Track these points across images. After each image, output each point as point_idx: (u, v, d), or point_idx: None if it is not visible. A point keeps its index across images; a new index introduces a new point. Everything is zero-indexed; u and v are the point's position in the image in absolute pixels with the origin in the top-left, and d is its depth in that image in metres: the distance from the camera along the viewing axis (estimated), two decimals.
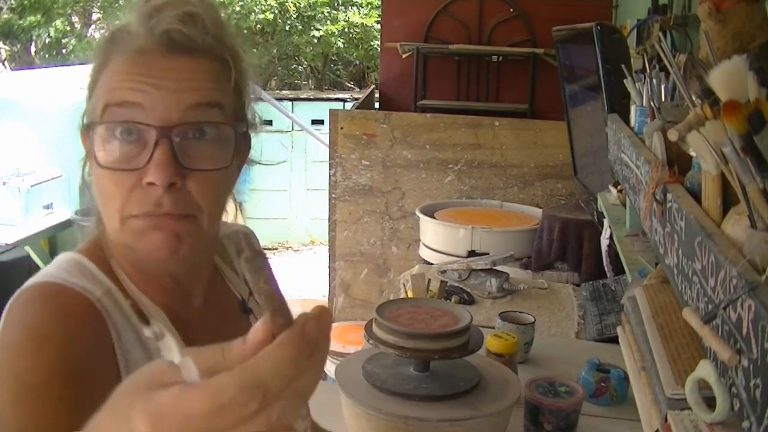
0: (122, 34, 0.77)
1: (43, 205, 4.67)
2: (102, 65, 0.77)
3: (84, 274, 0.79)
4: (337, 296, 3.95)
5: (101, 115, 0.75)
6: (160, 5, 0.76)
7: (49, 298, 0.75)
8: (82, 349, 0.73)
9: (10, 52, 11.06)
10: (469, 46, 4.31)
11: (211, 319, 0.90)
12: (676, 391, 0.87)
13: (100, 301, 0.77)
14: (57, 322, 0.73)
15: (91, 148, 0.76)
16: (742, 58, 0.77)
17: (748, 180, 0.72)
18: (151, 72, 0.74)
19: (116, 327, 0.77)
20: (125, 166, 0.74)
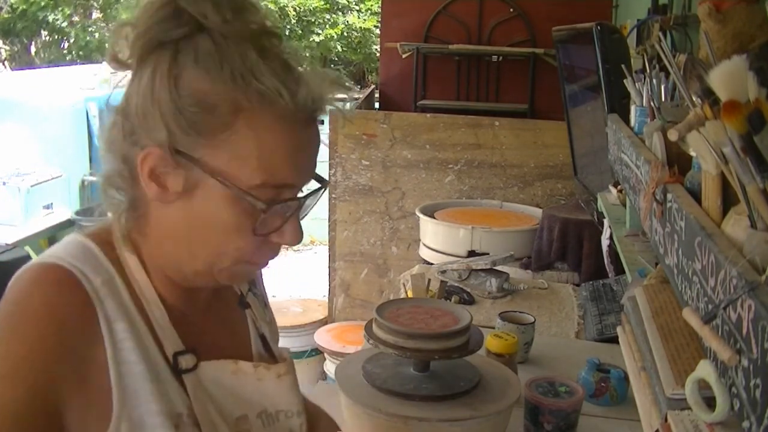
0: (270, 93, 0.76)
1: (43, 205, 4.67)
2: (237, 112, 0.76)
3: (88, 260, 0.80)
4: (337, 296, 3.95)
5: (257, 187, 0.77)
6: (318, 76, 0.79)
7: (49, 283, 0.77)
8: (69, 336, 0.75)
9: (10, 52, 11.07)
10: (469, 46, 4.31)
11: (213, 313, 0.93)
12: (676, 391, 0.87)
13: (97, 290, 0.79)
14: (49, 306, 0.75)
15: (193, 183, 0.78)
16: (742, 58, 0.77)
17: (748, 180, 0.72)
18: (304, 149, 0.80)
19: (107, 316, 0.79)
20: (265, 230, 0.80)
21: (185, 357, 0.84)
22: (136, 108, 0.78)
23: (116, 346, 0.79)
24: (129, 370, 0.79)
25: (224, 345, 0.92)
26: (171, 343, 0.84)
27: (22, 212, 4.50)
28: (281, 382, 0.93)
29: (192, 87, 0.76)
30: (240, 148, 0.77)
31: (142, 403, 0.79)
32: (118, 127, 0.81)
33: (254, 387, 0.91)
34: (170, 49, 0.77)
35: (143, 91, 0.77)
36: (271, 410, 0.92)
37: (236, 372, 0.89)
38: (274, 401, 0.93)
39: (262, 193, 0.78)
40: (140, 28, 0.78)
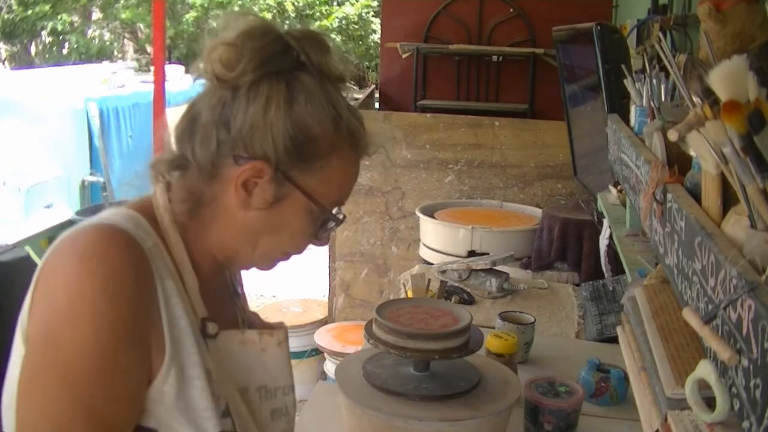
0: (356, 133, 0.94)
1: (43, 205, 4.67)
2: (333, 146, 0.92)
3: (138, 225, 0.90)
4: (337, 296, 3.95)
5: (332, 204, 0.96)
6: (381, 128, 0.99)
7: (119, 238, 0.87)
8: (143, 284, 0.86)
9: (10, 52, 11.06)
10: (469, 46, 4.31)
11: (217, 296, 1.03)
12: (676, 391, 0.87)
13: (150, 249, 0.89)
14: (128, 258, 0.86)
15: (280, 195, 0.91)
16: (742, 58, 0.77)
17: (748, 180, 0.72)
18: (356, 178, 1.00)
19: (160, 274, 0.89)
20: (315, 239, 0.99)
21: (210, 324, 0.95)
22: (242, 125, 0.89)
23: (167, 299, 0.89)
24: (177, 322, 0.89)
25: (227, 322, 1.01)
26: (200, 310, 0.94)
27: (22, 212, 4.50)
28: (281, 350, 1.02)
29: (303, 119, 0.89)
30: (329, 174, 0.93)
31: (186, 353, 0.89)
32: (210, 134, 0.90)
33: (258, 359, 1.00)
34: (284, 81, 0.89)
35: (255, 113, 0.88)
36: (270, 386, 1.02)
37: (243, 342, 0.99)
38: (275, 376, 1.02)
39: (332, 208, 0.96)
40: (252, 56, 0.88)
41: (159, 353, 0.87)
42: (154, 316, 0.87)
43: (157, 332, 0.87)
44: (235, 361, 0.98)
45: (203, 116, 0.91)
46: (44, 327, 0.83)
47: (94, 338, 0.82)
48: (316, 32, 0.94)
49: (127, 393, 0.85)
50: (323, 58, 0.91)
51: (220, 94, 0.90)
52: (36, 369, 0.83)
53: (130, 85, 5.87)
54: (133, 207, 0.94)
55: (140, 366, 0.86)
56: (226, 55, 0.88)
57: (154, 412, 0.88)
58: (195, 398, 0.89)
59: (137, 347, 0.85)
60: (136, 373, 0.86)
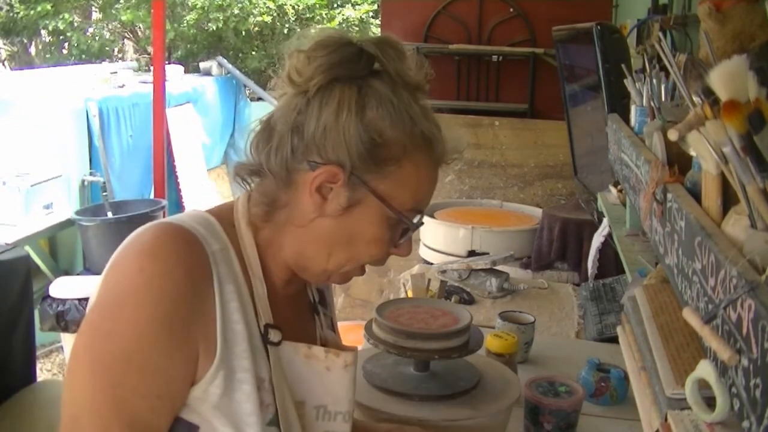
0: (431, 138, 0.93)
1: (43, 205, 4.66)
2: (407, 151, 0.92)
3: (208, 228, 0.93)
4: (337, 296, 3.95)
5: (407, 209, 0.94)
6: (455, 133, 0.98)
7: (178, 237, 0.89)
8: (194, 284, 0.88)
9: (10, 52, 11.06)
10: (469, 46, 4.31)
11: (294, 305, 1.05)
12: (676, 391, 0.87)
13: (214, 253, 0.91)
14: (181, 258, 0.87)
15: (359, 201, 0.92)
16: (742, 58, 0.77)
17: (748, 180, 0.72)
18: (435, 185, 0.98)
19: (220, 276, 0.90)
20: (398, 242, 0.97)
21: (274, 331, 0.95)
22: (315, 131, 0.90)
23: (224, 304, 0.90)
24: (232, 327, 0.90)
25: (299, 335, 1.01)
26: (265, 315, 0.95)
27: (22, 212, 4.50)
28: (346, 373, 1.01)
29: (375, 124, 0.90)
30: (403, 179, 0.92)
31: (237, 358, 0.91)
32: (284, 140, 0.92)
33: (321, 377, 1.00)
34: (355, 86, 0.90)
35: (327, 118, 0.90)
36: (331, 408, 1.01)
37: (308, 356, 0.99)
38: (337, 399, 1.01)
39: (410, 214, 0.95)
40: (324, 62, 0.90)
41: (208, 354, 0.88)
42: (205, 319, 0.88)
43: (208, 334, 0.88)
44: (297, 374, 0.98)
45: (279, 124, 0.93)
46: (92, 315, 0.87)
47: (132, 332, 0.84)
48: (392, 40, 0.95)
49: (160, 390, 0.86)
50: (398, 65, 0.92)
51: (295, 102, 0.92)
52: (76, 353, 0.87)
53: (130, 85, 5.87)
54: (212, 210, 0.98)
55: (181, 365, 0.87)
56: (300, 63, 0.91)
57: (197, 409, 0.90)
58: (241, 402, 0.90)
59: (177, 348, 0.86)
60: (175, 371, 0.87)
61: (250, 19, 9.06)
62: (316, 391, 1.00)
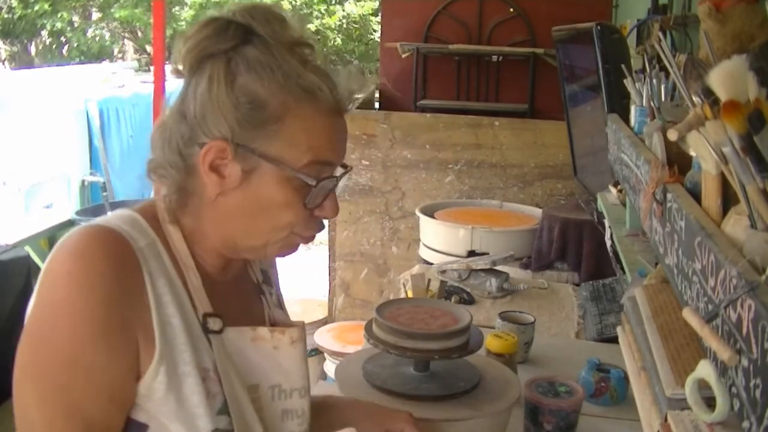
0: (312, 88, 0.91)
1: (43, 205, 4.67)
2: (286, 106, 0.90)
3: (134, 226, 0.93)
4: (337, 296, 3.95)
5: (304, 165, 0.91)
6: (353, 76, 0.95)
7: (103, 238, 0.89)
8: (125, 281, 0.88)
9: (10, 52, 11.06)
10: (469, 46, 4.31)
11: (235, 290, 1.05)
12: (676, 391, 0.87)
13: (142, 249, 0.91)
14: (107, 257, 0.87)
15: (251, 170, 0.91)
16: (742, 58, 0.77)
17: (748, 180, 0.72)
18: (340, 133, 0.96)
19: (150, 271, 0.90)
20: (310, 204, 0.94)
21: (213, 319, 0.95)
22: (194, 111, 0.91)
23: (158, 298, 0.90)
24: (168, 320, 0.91)
25: (244, 319, 1.02)
26: (202, 305, 0.95)
27: (22, 212, 4.50)
28: (294, 349, 1.02)
29: (246, 88, 0.90)
30: (290, 136, 0.91)
31: (177, 351, 0.91)
32: (174, 129, 0.93)
33: (271, 357, 1.00)
34: (222, 59, 0.90)
35: (201, 96, 0.90)
36: (285, 386, 1.02)
37: (255, 339, 0.99)
38: (290, 376, 1.02)
39: (310, 170, 0.92)
40: (190, 43, 0.91)
41: (148, 351, 0.89)
42: (141, 315, 0.88)
43: (145, 330, 0.88)
44: (246, 358, 0.98)
45: (168, 115, 0.95)
46: (29, 326, 0.87)
47: (70, 336, 0.85)
48: (263, 5, 0.94)
49: (108, 390, 0.87)
50: (273, 27, 0.91)
51: (182, 89, 0.94)
52: (20, 366, 0.87)
53: (130, 85, 5.87)
54: (137, 208, 0.97)
55: (123, 363, 0.87)
56: (177, 48, 0.93)
57: (144, 406, 0.90)
58: (187, 395, 0.91)
59: (119, 345, 0.87)
60: (120, 370, 0.87)
61: None
62: (268, 372, 1.00)
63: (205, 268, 0.98)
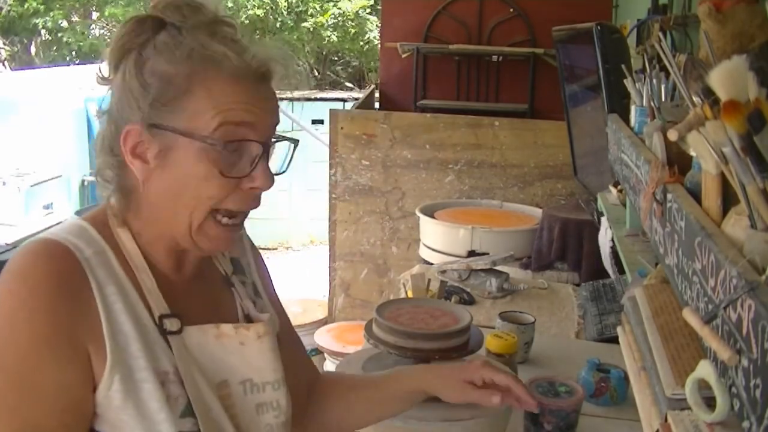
0: (220, 56, 0.90)
1: (43, 205, 4.67)
2: (191, 79, 0.90)
3: (81, 235, 0.93)
4: (337, 296, 3.95)
5: (214, 130, 0.89)
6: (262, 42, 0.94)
7: (45, 252, 0.89)
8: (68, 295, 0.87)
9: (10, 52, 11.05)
10: (469, 46, 4.31)
11: (198, 286, 1.03)
12: (676, 391, 0.87)
13: (88, 259, 0.90)
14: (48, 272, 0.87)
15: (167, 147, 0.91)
16: (742, 58, 0.77)
17: (748, 180, 0.72)
18: (256, 97, 0.92)
19: (98, 280, 0.90)
20: (233, 173, 0.91)
21: (170, 320, 0.94)
22: (114, 104, 0.94)
23: (108, 307, 0.90)
24: (119, 328, 0.90)
25: (210, 315, 1.01)
26: (158, 307, 0.94)
27: (22, 212, 4.50)
28: (262, 344, 1.01)
29: (153, 69, 0.91)
30: (197, 105, 0.90)
31: (131, 358, 0.90)
32: (105, 126, 0.95)
33: (238, 353, 0.99)
34: (135, 51, 0.92)
35: (117, 88, 0.93)
36: (257, 380, 1.01)
37: (219, 336, 0.98)
38: (261, 371, 1.01)
39: (222, 135, 0.90)
40: (111, 44, 0.94)
41: (100, 361, 0.88)
42: (90, 326, 0.88)
43: (96, 341, 0.88)
44: (212, 356, 0.97)
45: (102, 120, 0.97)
46: None
47: (16, 354, 0.84)
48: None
49: (61, 403, 0.86)
50: (183, 12, 0.92)
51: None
52: None
53: None
54: (87, 216, 0.97)
55: (74, 376, 0.87)
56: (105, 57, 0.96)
57: (105, 416, 0.90)
58: (145, 401, 0.90)
59: (67, 358, 0.86)
60: (72, 382, 0.87)
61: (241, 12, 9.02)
62: (237, 368, 0.99)
63: (160, 269, 0.98)
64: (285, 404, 1.04)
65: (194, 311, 0.98)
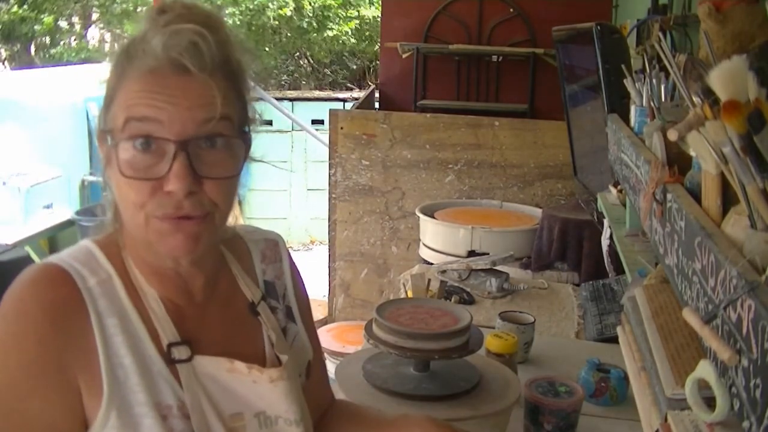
0: (137, 51, 0.84)
1: (43, 205, 4.66)
2: (118, 78, 0.85)
3: (88, 261, 0.89)
4: (337, 296, 3.95)
5: (122, 128, 0.83)
6: (174, 30, 0.83)
7: (44, 279, 0.85)
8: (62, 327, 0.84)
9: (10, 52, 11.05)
10: (469, 46, 4.31)
11: (214, 314, 0.97)
12: (676, 391, 0.87)
13: (90, 289, 0.86)
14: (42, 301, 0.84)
15: (110, 155, 0.85)
16: (742, 58, 0.77)
17: (748, 180, 0.72)
18: (166, 91, 0.82)
19: (98, 312, 0.86)
20: (145, 175, 0.83)
21: (179, 348, 0.89)
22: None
23: (107, 340, 0.85)
24: (119, 362, 0.86)
25: (227, 344, 0.95)
26: (167, 334, 0.90)
27: (22, 212, 4.50)
28: (275, 387, 0.94)
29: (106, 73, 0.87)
30: (117, 104, 0.85)
31: (130, 393, 0.86)
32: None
33: (250, 388, 0.93)
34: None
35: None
36: (270, 413, 0.94)
37: (232, 371, 0.92)
38: (273, 406, 0.95)
39: (128, 131, 0.83)
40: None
41: (94, 395, 0.84)
42: (84, 358, 0.84)
43: (90, 373, 0.84)
44: (225, 388, 0.92)
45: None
46: None
47: (2, 380, 0.83)
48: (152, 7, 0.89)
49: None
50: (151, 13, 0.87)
51: None
52: None
53: None
54: (98, 239, 0.93)
55: (60, 407, 0.84)
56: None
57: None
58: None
59: (55, 388, 0.83)
60: (57, 415, 0.84)
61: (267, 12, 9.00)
62: (251, 400, 0.93)
63: (169, 295, 0.92)
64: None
65: (208, 339, 0.93)
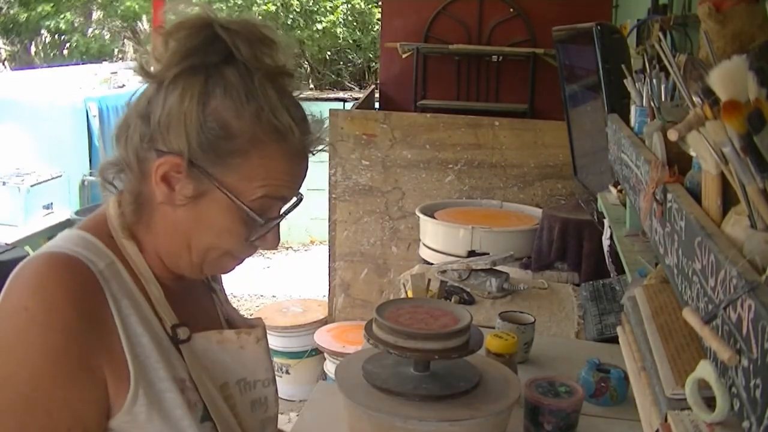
0: (283, 128, 0.88)
1: (43, 205, 4.67)
2: (252, 143, 0.87)
3: (89, 247, 0.90)
4: (337, 296, 3.95)
5: (255, 199, 0.89)
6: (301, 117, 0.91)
7: (60, 267, 0.86)
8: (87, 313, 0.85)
9: (10, 52, 11.05)
10: (469, 46, 4.31)
11: (191, 295, 1.05)
12: (676, 391, 0.87)
13: (102, 272, 0.88)
14: (66, 289, 0.84)
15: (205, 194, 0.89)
16: (742, 58, 0.77)
17: (748, 180, 0.72)
18: (299, 174, 0.93)
19: (113, 294, 0.88)
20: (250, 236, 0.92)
21: (181, 329, 0.95)
22: (159, 118, 0.87)
23: (124, 320, 0.88)
24: (137, 341, 0.89)
25: (205, 322, 1.03)
26: (168, 317, 0.94)
27: (22, 212, 4.50)
28: (259, 347, 1.04)
29: (218, 113, 0.86)
30: (250, 171, 0.88)
31: (152, 369, 0.89)
32: (135, 129, 0.90)
33: (236, 355, 1.01)
34: (202, 74, 0.86)
35: (170, 106, 0.86)
36: (249, 379, 1.03)
37: (221, 341, 1.00)
38: (253, 370, 1.03)
39: (260, 205, 0.90)
40: (177, 49, 0.86)
41: (120, 378, 0.87)
42: (108, 343, 0.86)
43: (114, 358, 0.86)
44: (214, 360, 0.98)
45: (132, 113, 0.90)
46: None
47: (27, 373, 0.82)
48: (253, 23, 0.90)
49: (69, 424, 0.84)
50: (256, 51, 0.88)
51: (149, 88, 0.90)
52: None
53: (130, 85, 5.87)
54: (85, 227, 0.94)
55: (87, 396, 0.85)
56: (157, 48, 0.88)
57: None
58: (170, 410, 0.90)
59: (80, 378, 0.84)
60: (82, 404, 0.85)
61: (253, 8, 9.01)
62: (234, 370, 1.01)
63: (163, 280, 0.96)
64: (272, 399, 1.07)
65: (193, 318, 0.98)
